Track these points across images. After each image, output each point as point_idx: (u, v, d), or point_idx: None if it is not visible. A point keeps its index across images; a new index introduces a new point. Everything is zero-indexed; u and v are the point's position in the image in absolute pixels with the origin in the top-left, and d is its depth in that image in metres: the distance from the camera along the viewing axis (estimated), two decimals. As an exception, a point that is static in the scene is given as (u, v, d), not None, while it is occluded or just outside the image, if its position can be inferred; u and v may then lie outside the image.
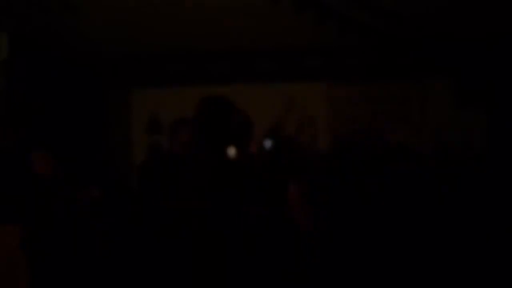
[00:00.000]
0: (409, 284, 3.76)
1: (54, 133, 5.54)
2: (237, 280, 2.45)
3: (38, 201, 3.83)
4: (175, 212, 2.64)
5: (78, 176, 4.39)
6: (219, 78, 6.04)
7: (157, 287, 3.07)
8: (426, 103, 5.83)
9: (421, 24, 5.00)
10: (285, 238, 3.44)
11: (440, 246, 3.93)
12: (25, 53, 5.27)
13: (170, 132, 3.70)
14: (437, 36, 5.44)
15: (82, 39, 5.36)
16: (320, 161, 4.64)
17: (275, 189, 3.45)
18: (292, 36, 5.33)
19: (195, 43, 5.60)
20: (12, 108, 5.13)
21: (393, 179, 4.35)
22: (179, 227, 2.53)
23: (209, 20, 4.86)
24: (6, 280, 3.55)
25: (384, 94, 5.93)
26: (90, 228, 3.99)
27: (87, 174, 5.13)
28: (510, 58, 5.41)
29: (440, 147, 5.43)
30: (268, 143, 4.41)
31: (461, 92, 5.70)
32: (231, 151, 3.09)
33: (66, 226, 3.83)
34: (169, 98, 5.89)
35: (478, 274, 3.73)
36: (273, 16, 4.69)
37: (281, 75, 6.03)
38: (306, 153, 4.66)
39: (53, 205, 3.86)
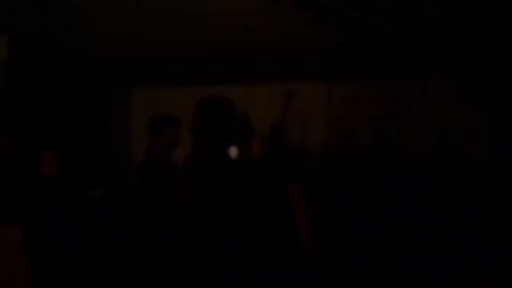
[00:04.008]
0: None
1: (54, 133, 5.54)
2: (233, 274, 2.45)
3: (39, 202, 3.83)
4: (176, 212, 2.64)
5: (79, 176, 4.39)
6: (219, 78, 6.05)
7: (156, 285, 3.07)
8: (426, 103, 5.83)
9: (421, 24, 5.00)
10: (284, 237, 3.44)
11: (438, 248, 3.94)
12: (25, 53, 5.28)
13: (152, 131, 3.66)
14: (437, 36, 5.44)
15: (82, 39, 5.36)
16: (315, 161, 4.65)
17: (276, 189, 3.44)
18: (292, 36, 5.33)
19: (195, 43, 5.60)
20: (12, 108, 5.13)
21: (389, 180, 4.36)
22: (180, 227, 2.53)
23: (209, 20, 4.86)
24: (7, 280, 3.55)
25: (384, 94, 5.92)
26: (91, 228, 4.00)
27: (87, 173, 5.14)
28: (510, 58, 5.41)
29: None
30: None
31: (461, 92, 5.70)
32: (232, 151, 3.09)
33: (67, 226, 3.83)
34: (169, 98, 5.89)
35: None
36: (273, 16, 4.69)
37: (281, 75, 6.03)
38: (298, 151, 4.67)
39: (55, 206, 3.87)
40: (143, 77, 6.33)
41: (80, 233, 3.87)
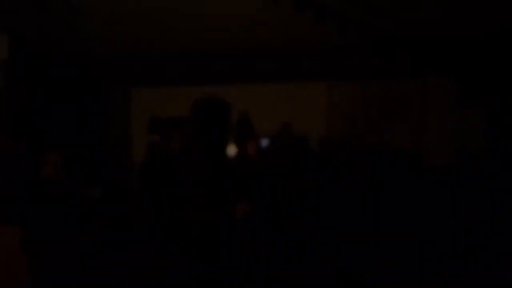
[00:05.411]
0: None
1: (54, 133, 5.54)
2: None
3: (40, 203, 3.84)
4: (174, 213, 2.65)
5: (79, 176, 4.39)
6: (219, 78, 6.05)
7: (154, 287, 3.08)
8: (426, 103, 5.83)
9: (421, 24, 5.00)
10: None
11: (434, 248, 3.93)
12: (25, 53, 5.28)
13: (166, 132, 3.68)
14: (437, 36, 5.45)
15: (82, 39, 5.36)
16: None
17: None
18: (292, 36, 5.33)
19: (195, 43, 5.61)
20: (12, 108, 5.14)
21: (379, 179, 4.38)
22: (178, 227, 2.53)
23: (209, 20, 4.86)
24: (7, 280, 3.55)
25: (384, 94, 5.92)
26: (91, 228, 4.00)
27: (87, 173, 5.14)
28: (510, 58, 5.41)
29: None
30: (265, 143, 4.41)
31: (461, 92, 5.70)
32: (231, 150, 3.08)
33: (67, 226, 3.84)
34: (169, 98, 5.89)
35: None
36: (273, 16, 4.69)
37: (281, 75, 6.03)
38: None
39: (55, 206, 3.87)
40: (143, 77, 6.33)
41: (80, 233, 3.87)
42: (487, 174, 5.00)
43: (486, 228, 4.08)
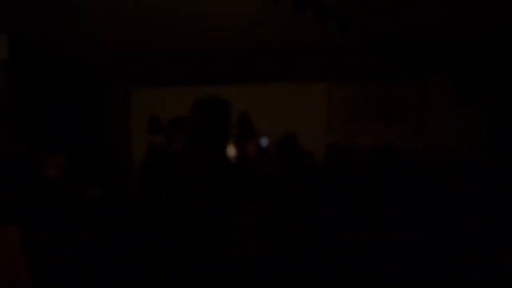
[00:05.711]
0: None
1: (54, 133, 5.54)
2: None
3: (40, 203, 3.84)
4: (174, 213, 2.65)
5: (79, 176, 4.39)
6: (219, 78, 6.04)
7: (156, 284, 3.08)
8: (426, 103, 5.83)
9: (421, 24, 5.00)
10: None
11: (434, 248, 3.93)
12: (25, 53, 5.28)
13: (168, 132, 3.69)
14: (437, 36, 5.44)
15: (82, 39, 5.36)
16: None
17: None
18: (292, 36, 5.33)
19: (195, 43, 5.61)
20: (12, 108, 5.14)
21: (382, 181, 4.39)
22: (178, 227, 2.54)
23: (209, 20, 4.86)
24: (7, 280, 3.55)
25: (384, 94, 5.93)
26: (91, 228, 4.00)
27: (87, 173, 5.14)
28: (510, 58, 5.41)
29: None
30: (264, 142, 4.41)
31: (461, 92, 5.70)
32: (230, 151, 3.08)
33: (67, 226, 3.84)
34: (169, 98, 5.89)
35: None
36: (273, 16, 4.69)
37: (281, 75, 6.03)
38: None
39: (55, 206, 3.87)
40: (143, 77, 6.33)
41: (80, 233, 3.87)
42: (487, 174, 5.00)
43: (486, 228, 4.08)
